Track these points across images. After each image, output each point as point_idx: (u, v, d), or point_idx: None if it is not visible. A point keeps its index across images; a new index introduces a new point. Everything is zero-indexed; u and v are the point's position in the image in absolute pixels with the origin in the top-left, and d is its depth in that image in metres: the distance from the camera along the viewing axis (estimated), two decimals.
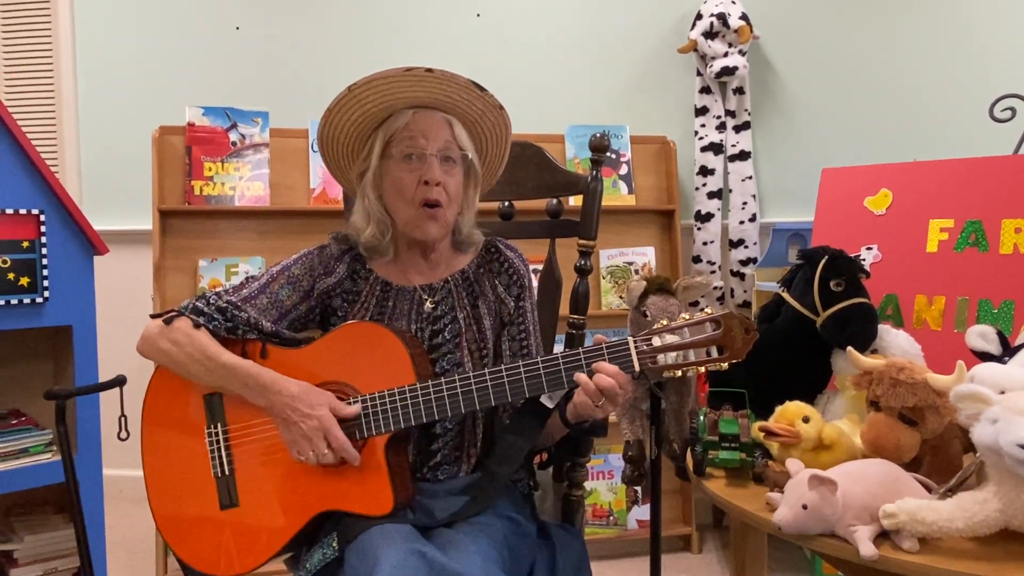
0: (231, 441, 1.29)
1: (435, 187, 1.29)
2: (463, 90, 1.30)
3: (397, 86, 1.28)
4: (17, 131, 1.80)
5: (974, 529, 0.98)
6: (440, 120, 1.32)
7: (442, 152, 1.30)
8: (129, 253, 2.96)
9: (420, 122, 1.30)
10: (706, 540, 2.79)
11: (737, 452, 1.30)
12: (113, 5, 3.09)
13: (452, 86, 1.28)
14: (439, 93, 1.30)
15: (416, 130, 1.30)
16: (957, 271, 1.77)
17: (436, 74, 1.26)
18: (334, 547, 1.17)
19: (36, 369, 2.10)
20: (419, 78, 1.26)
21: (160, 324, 1.30)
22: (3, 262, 1.79)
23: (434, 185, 1.29)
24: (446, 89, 1.29)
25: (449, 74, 1.26)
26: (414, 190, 1.29)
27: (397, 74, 1.26)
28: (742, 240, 2.88)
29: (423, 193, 1.29)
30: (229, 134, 2.61)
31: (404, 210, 1.32)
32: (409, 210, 1.31)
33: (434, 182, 1.29)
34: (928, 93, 2.97)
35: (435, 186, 1.29)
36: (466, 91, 1.30)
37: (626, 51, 3.06)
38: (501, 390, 1.22)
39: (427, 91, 1.29)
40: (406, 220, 1.32)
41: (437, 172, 1.29)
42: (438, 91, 1.29)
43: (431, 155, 1.29)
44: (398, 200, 1.32)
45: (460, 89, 1.29)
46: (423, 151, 1.29)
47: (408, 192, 1.30)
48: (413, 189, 1.29)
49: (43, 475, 1.87)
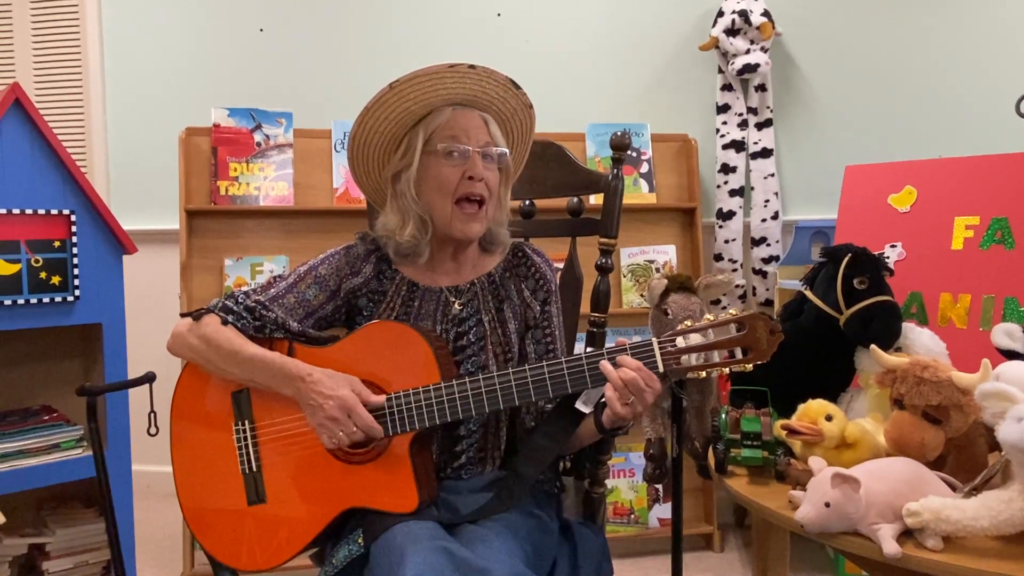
0: (259, 438, 1.31)
1: (479, 182, 1.30)
2: (501, 87, 1.31)
3: (439, 82, 1.28)
4: (50, 134, 1.84)
5: (999, 528, 0.98)
6: (478, 118, 1.33)
7: (483, 149, 1.31)
8: (156, 252, 3.01)
9: (460, 119, 1.31)
10: (728, 539, 2.78)
11: (759, 450, 1.30)
12: (140, 9, 3.14)
13: (491, 83, 1.30)
14: (478, 90, 1.31)
15: (457, 127, 1.30)
16: (983, 269, 1.75)
17: (478, 70, 1.27)
18: (360, 543, 1.19)
19: (66, 366, 2.15)
20: (462, 74, 1.27)
21: (189, 322, 1.33)
22: (35, 261, 1.83)
23: (478, 180, 1.30)
24: (485, 86, 1.30)
25: (490, 70, 1.28)
26: (456, 186, 1.30)
27: (441, 70, 1.26)
28: (764, 238, 2.87)
29: (466, 188, 1.30)
30: (254, 135, 2.64)
31: (444, 207, 1.31)
32: (448, 207, 1.31)
33: (478, 178, 1.29)
34: (953, 89, 2.93)
35: (479, 181, 1.30)
36: (504, 88, 1.31)
37: (647, 49, 3.05)
38: (525, 389, 1.23)
39: (468, 88, 1.30)
40: (446, 217, 1.32)
41: (480, 168, 1.30)
42: (478, 88, 1.30)
43: (474, 151, 1.30)
44: (439, 197, 1.31)
45: (499, 86, 1.31)
46: (466, 147, 1.30)
47: (450, 188, 1.30)
48: (455, 185, 1.30)
49: (74, 470, 1.91)
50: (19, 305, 1.80)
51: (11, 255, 1.80)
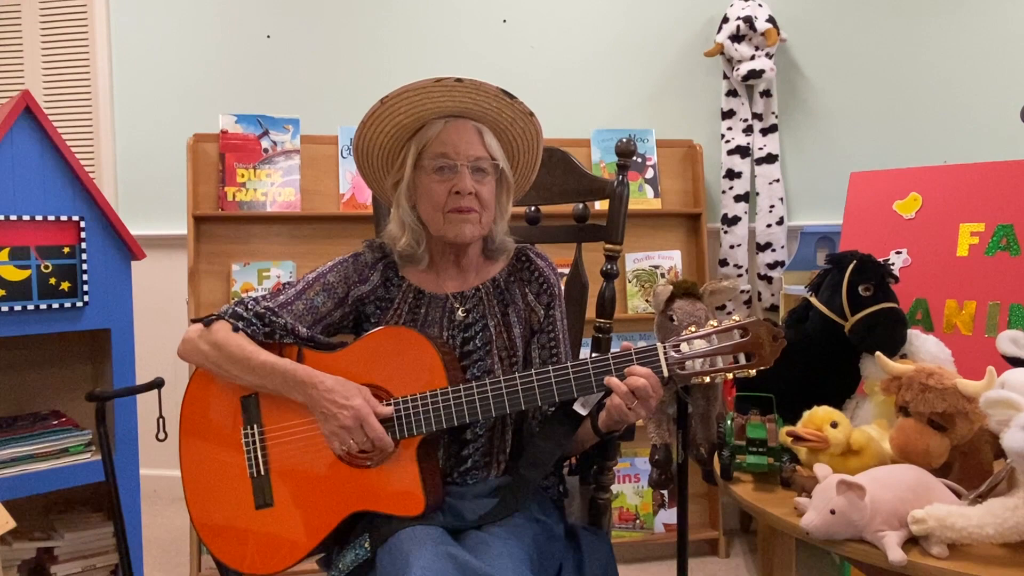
0: (267, 442, 1.32)
1: (467, 196, 1.31)
2: (493, 99, 1.31)
3: (428, 97, 1.30)
4: (59, 141, 1.86)
5: (1005, 535, 0.98)
6: (471, 130, 1.33)
7: (472, 163, 1.32)
8: (164, 258, 3.03)
9: (451, 133, 1.32)
10: (733, 545, 2.78)
11: (765, 457, 1.30)
12: (148, 16, 3.16)
13: (482, 95, 1.30)
14: (469, 103, 1.31)
15: (447, 141, 1.32)
16: (988, 275, 1.75)
17: (466, 84, 1.28)
18: (366, 548, 1.20)
19: (75, 371, 2.16)
20: (449, 88, 1.28)
21: (200, 328, 1.34)
22: (45, 267, 1.84)
23: (466, 195, 1.31)
24: (476, 98, 1.31)
25: (478, 83, 1.28)
26: (445, 200, 1.32)
27: (427, 85, 1.28)
28: (769, 243, 2.87)
29: (454, 203, 1.31)
30: (261, 141, 2.66)
31: (436, 218, 1.34)
32: (440, 218, 1.33)
33: (465, 192, 1.30)
34: (958, 96, 2.93)
35: (467, 195, 1.31)
36: (496, 100, 1.31)
37: (652, 55, 3.06)
38: (531, 394, 1.24)
39: (457, 101, 1.31)
40: (439, 227, 1.34)
41: (468, 182, 1.31)
42: (468, 101, 1.31)
43: (462, 165, 1.31)
44: (431, 210, 1.34)
45: (490, 98, 1.31)
46: (454, 162, 1.31)
47: (440, 202, 1.32)
48: (444, 199, 1.32)
49: (82, 475, 1.92)
50: (29, 311, 1.82)
51: (21, 261, 1.81)
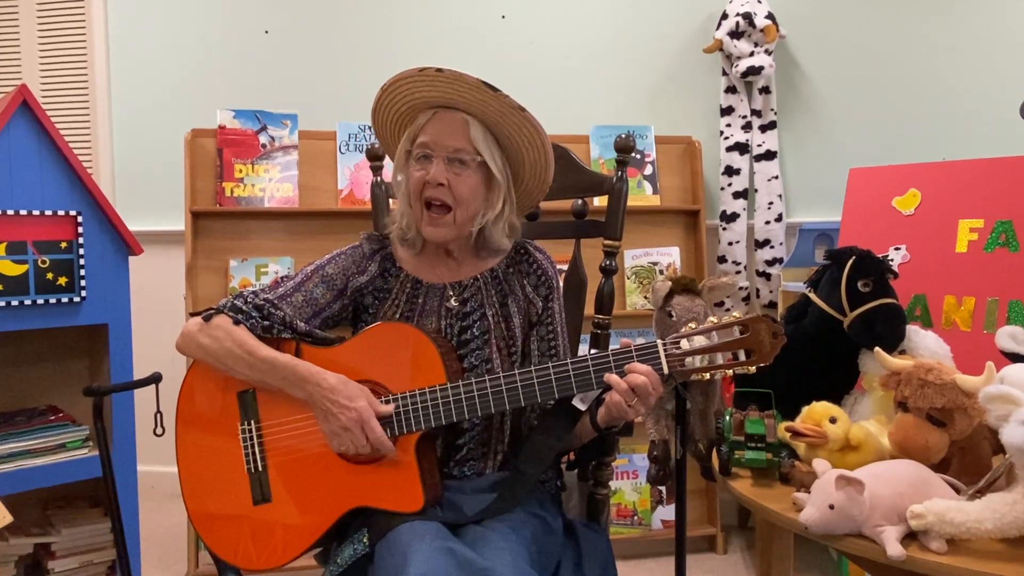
0: (264, 437, 1.32)
1: (437, 187, 1.31)
2: (474, 90, 1.28)
3: (415, 86, 1.31)
4: (57, 136, 1.85)
5: (1003, 530, 0.98)
6: (457, 121, 1.32)
7: (451, 154, 1.31)
8: (162, 253, 3.02)
9: (436, 123, 1.33)
10: (731, 541, 2.78)
11: (763, 452, 1.30)
12: (146, 12, 3.15)
13: (463, 86, 1.28)
14: (452, 93, 1.30)
15: (429, 131, 1.32)
16: (987, 271, 1.75)
17: (446, 73, 1.27)
18: (365, 543, 1.20)
19: (73, 366, 2.16)
20: (431, 78, 1.28)
21: (200, 321, 1.33)
22: (42, 262, 1.84)
23: (436, 185, 1.30)
24: (459, 89, 1.29)
25: (457, 73, 1.27)
26: (420, 189, 1.32)
27: (412, 74, 1.29)
28: (768, 240, 2.87)
29: (427, 192, 1.32)
30: (259, 136, 2.65)
31: (417, 208, 1.35)
32: (419, 208, 1.34)
33: (435, 182, 1.30)
34: (957, 92, 2.93)
35: (437, 186, 1.30)
36: (478, 91, 1.28)
37: (651, 51, 3.06)
38: (531, 391, 1.24)
39: (441, 91, 1.31)
40: (418, 218, 1.36)
41: (438, 172, 1.30)
42: (451, 91, 1.30)
43: (436, 156, 1.31)
44: (413, 198, 1.35)
45: (471, 89, 1.28)
46: (429, 152, 1.32)
47: (417, 190, 1.33)
48: (420, 188, 1.32)
49: (80, 470, 1.92)
50: (26, 306, 1.81)
51: (18, 256, 1.81)
